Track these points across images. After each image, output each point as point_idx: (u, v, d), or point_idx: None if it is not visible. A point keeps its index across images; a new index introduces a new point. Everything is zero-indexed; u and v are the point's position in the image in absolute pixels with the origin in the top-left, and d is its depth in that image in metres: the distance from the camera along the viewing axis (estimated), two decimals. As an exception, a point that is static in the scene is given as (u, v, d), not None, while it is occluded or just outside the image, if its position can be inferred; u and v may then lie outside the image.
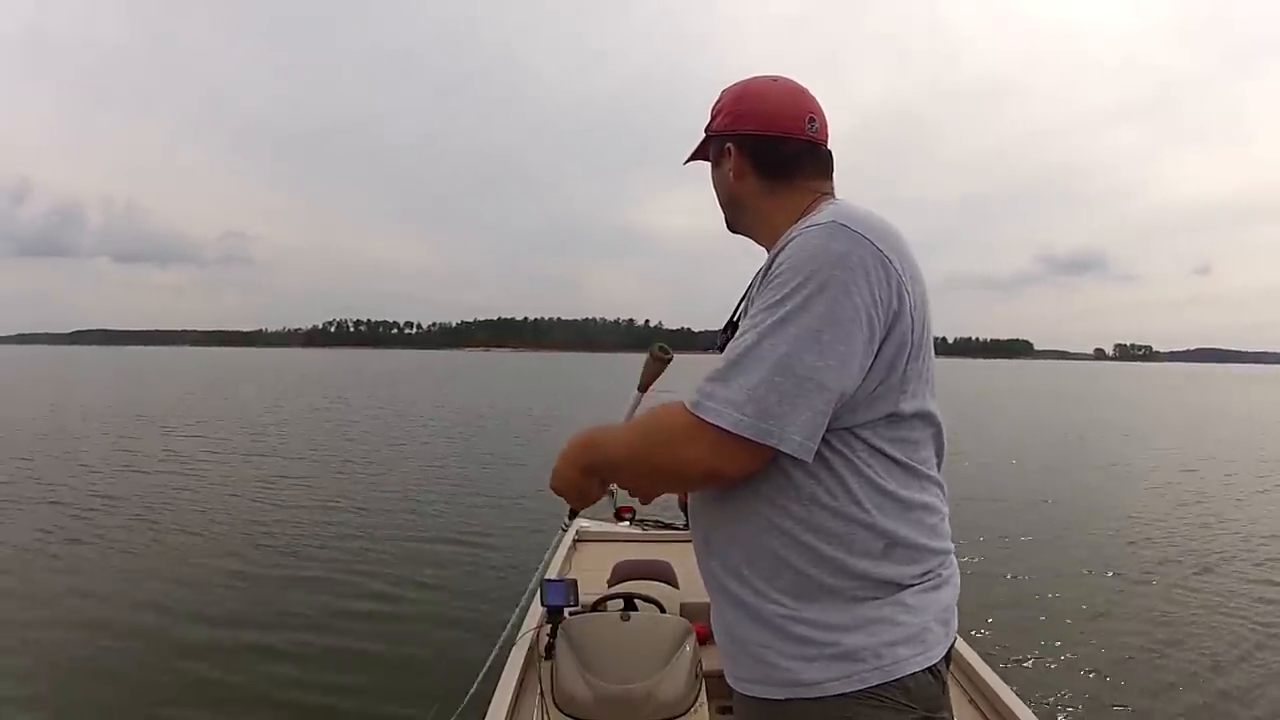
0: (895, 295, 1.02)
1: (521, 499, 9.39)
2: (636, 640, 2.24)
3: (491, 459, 13.18)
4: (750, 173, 1.24)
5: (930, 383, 1.12)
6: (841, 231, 1.01)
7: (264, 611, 5.35)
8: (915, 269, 1.07)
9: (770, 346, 0.98)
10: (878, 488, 1.05)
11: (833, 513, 1.04)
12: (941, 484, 1.15)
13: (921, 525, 1.08)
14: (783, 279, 1.01)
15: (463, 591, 5.73)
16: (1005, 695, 2.20)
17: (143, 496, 9.07)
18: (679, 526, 4.07)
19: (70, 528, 7.59)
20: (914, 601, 1.06)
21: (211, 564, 6.47)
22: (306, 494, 9.66)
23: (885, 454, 1.06)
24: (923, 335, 1.07)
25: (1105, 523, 8.75)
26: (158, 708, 3.98)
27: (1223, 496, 10.64)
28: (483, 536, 7.44)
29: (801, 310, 0.98)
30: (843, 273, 0.99)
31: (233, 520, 8.10)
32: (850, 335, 0.98)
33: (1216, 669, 4.64)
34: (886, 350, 1.03)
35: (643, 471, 1.13)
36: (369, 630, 4.98)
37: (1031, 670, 4.52)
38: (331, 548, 7.06)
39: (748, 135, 1.23)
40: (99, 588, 5.81)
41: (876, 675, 1.02)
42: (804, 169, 1.23)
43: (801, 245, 1.03)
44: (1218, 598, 6.01)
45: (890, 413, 1.06)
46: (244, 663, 4.51)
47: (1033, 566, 6.73)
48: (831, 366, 0.98)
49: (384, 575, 6.18)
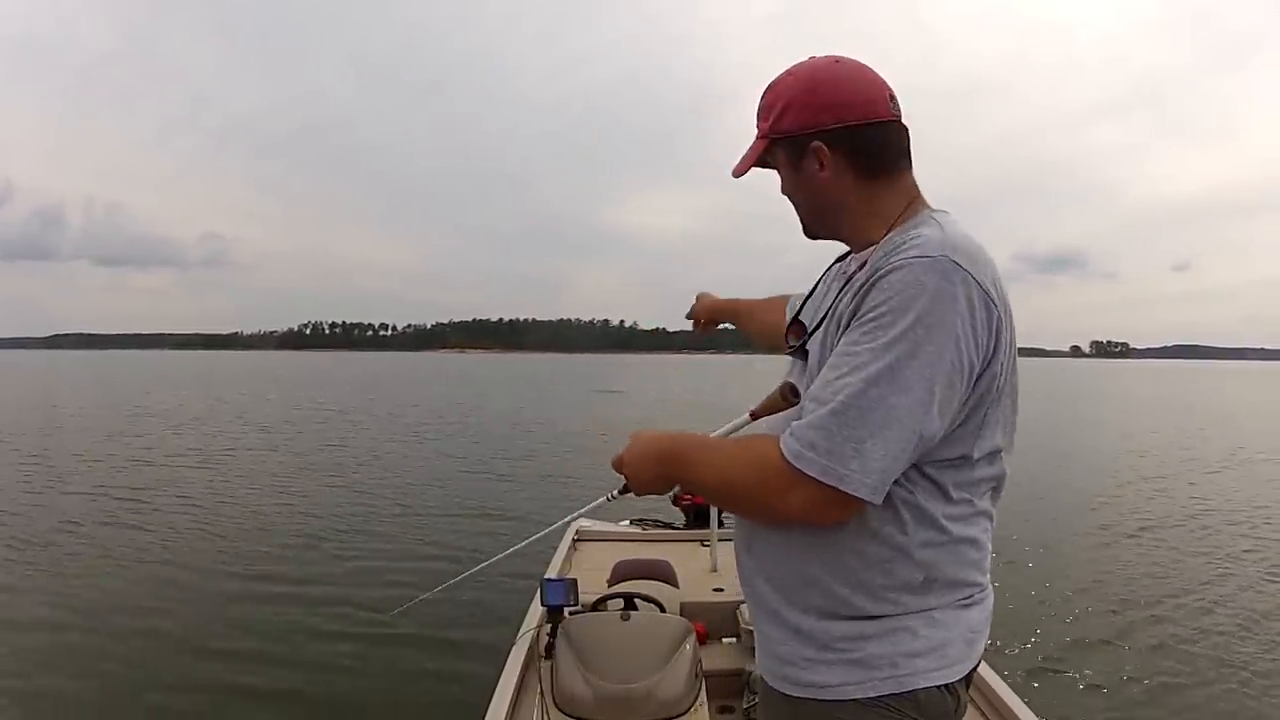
0: (993, 339, 0.98)
1: (520, 499, 9.34)
2: (636, 640, 2.24)
3: (487, 459, 13.08)
4: (848, 170, 1.09)
5: (1007, 424, 1.07)
6: (952, 269, 0.95)
7: (264, 611, 5.30)
8: (1009, 306, 1.01)
9: (878, 399, 0.93)
10: (931, 522, 1.02)
11: (880, 540, 1.02)
12: (992, 516, 1.10)
13: (964, 561, 1.06)
14: (889, 316, 0.94)
15: (463, 591, 5.64)
16: (1018, 708, 2.15)
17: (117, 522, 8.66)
18: (679, 526, 4.09)
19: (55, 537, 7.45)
20: (941, 616, 1.04)
21: (204, 567, 6.41)
22: (302, 495, 9.56)
23: (944, 491, 1.03)
24: (1009, 380, 1.03)
25: (1096, 522, 8.63)
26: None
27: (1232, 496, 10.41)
28: (483, 536, 7.38)
29: (910, 358, 0.93)
30: (952, 317, 0.94)
31: (223, 522, 8.01)
32: (953, 384, 0.95)
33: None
34: (973, 395, 0.99)
35: (729, 503, 1.13)
36: (369, 630, 4.94)
37: (1046, 683, 4.34)
38: (331, 548, 7.00)
39: (837, 129, 1.08)
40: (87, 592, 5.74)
41: (889, 684, 1.01)
42: (904, 157, 1.12)
43: (910, 279, 0.95)
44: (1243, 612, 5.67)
45: (961, 455, 1.02)
46: (244, 662, 4.47)
47: (1036, 573, 6.52)
48: (931, 417, 0.94)
49: (384, 575, 6.15)
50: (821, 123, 1.08)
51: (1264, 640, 5.05)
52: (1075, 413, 25.90)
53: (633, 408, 25.80)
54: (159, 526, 7.81)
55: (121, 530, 7.68)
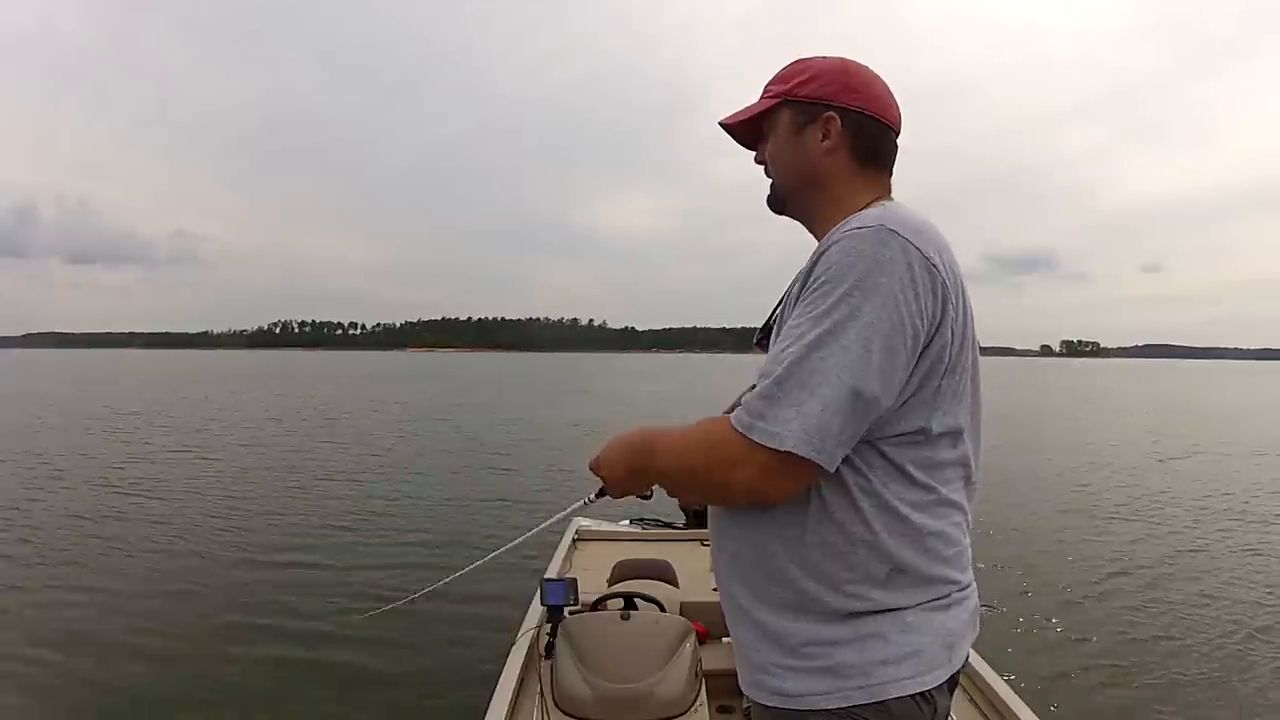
0: (939, 306, 0.98)
1: (520, 499, 9.30)
2: (636, 639, 2.25)
3: (481, 459, 13.00)
4: (846, 150, 1.13)
5: (968, 401, 1.06)
6: (889, 236, 0.96)
7: (262, 613, 5.24)
8: (959, 279, 1.03)
9: (819, 360, 0.94)
10: (889, 508, 1.00)
11: (839, 529, 1.01)
12: (965, 509, 1.08)
13: (933, 555, 1.03)
14: (827, 285, 0.97)
15: (462, 590, 5.61)
16: (1016, 706, 2.15)
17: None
18: (679, 526, 4.09)
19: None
20: (914, 620, 1.02)
21: (205, 568, 6.37)
22: (298, 496, 9.45)
23: (904, 472, 1.01)
24: (961, 350, 1.02)
25: (1080, 519, 8.37)
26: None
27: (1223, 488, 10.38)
28: (482, 536, 7.33)
29: (849, 320, 0.94)
30: (889, 280, 0.94)
31: (222, 523, 7.92)
32: (896, 349, 0.95)
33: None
34: (923, 363, 0.98)
35: (688, 486, 1.12)
36: (369, 630, 4.89)
37: (1044, 678, 4.31)
38: (329, 549, 6.93)
39: (854, 111, 1.13)
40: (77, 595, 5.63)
41: (860, 695, 0.99)
42: (890, 164, 1.18)
43: (846, 249, 0.97)
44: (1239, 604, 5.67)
45: (918, 428, 1.01)
46: (242, 661, 4.43)
47: (1034, 572, 6.48)
48: (870, 374, 0.94)
49: (383, 574, 6.10)
50: (843, 100, 1.13)
51: (1262, 636, 5.01)
52: (1076, 410, 26.16)
53: (603, 407, 25.74)
54: (155, 526, 7.73)
55: (123, 527, 7.63)
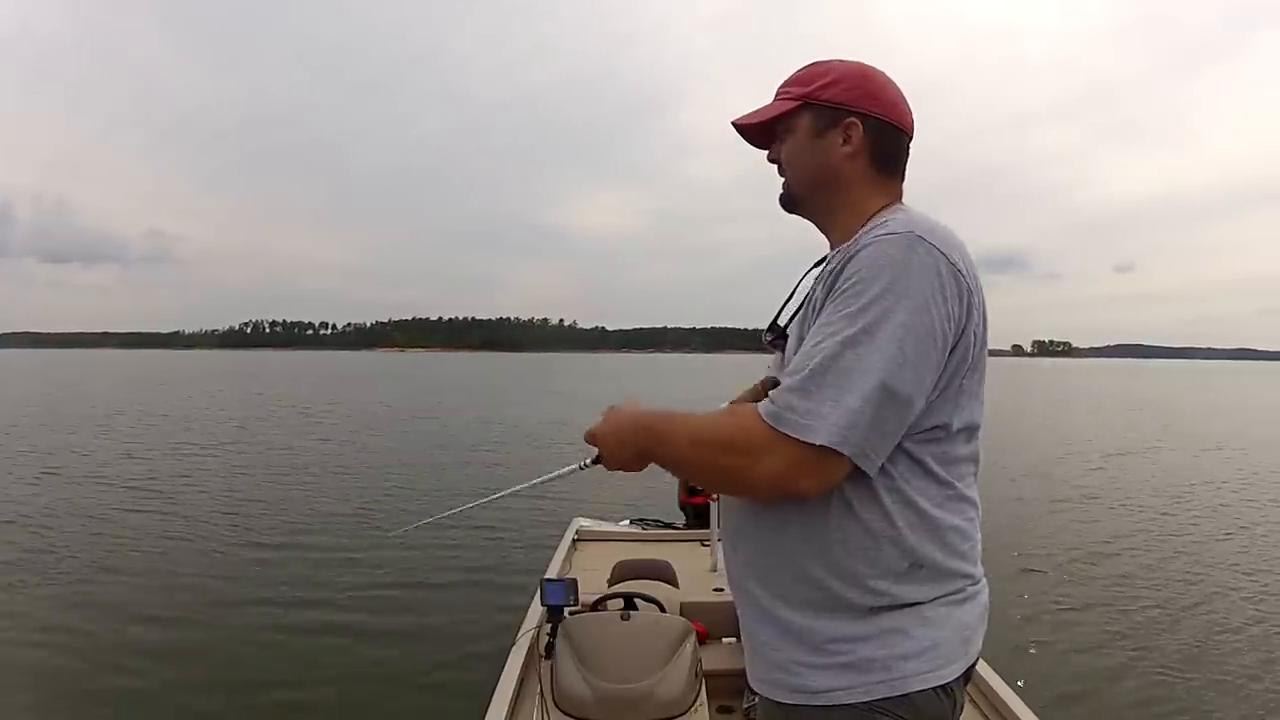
0: (965, 310, 1.01)
1: (519, 498, 9.23)
2: (636, 640, 2.25)
3: (480, 458, 13.03)
4: (865, 155, 1.15)
5: (982, 398, 1.10)
6: (918, 242, 1.00)
7: (260, 614, 5.20)
8: (979, 282, 1.06)
9: (854, 358, 0.95)
10: (911, 504, 1.03)
11: (862, 525, 1.02)
12: (977, 504, 1.12)
13: (950, 549, 1.06)
14: (859, 286, 0.99)
15: (463, 591, 5.63)
16: (1016, 707, 2.16)
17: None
18: (679, 526, 4.10)
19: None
20: (932, 614, 1.04)
21: (209, 563, 6.37)
22: (296, 496, 9.40)
23: (925, 468, 1.04)
24: (981, 350, 1.06)
25: (1079, 520, 8.29)
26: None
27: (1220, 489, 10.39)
28: (482, 536, 7.28)
29: (883, 321, 0.96)
30: (922, 284, 0.98)
31: (222, 524, 7.87)
32: (927, 352, 0.98)
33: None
34: (949, 364, 1.02)
35: (707, 476, 1.11)
36: (368, 631, 4.87)
37: (1046, 683, 4.24)
38: (328, 549, 6.89)
39: (874, 118, 1.15)
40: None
41: (883, 688, 1.00)
42: (904, 170, 1.20)
43: (879, 254, 1.00)
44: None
45: (940, 424, 1.04)
46: (241, 662, 4.39)
47: (1036, 570, 6.52)
48: (904, 374, 0.96)
49: (382, 574, 6.07)
50: (865, 106, 1.14)
51: (1259, 635, 5.06)
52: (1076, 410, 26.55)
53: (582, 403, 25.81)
54: (153, 528, 7.65)
55: (123, 526, 7.60)
